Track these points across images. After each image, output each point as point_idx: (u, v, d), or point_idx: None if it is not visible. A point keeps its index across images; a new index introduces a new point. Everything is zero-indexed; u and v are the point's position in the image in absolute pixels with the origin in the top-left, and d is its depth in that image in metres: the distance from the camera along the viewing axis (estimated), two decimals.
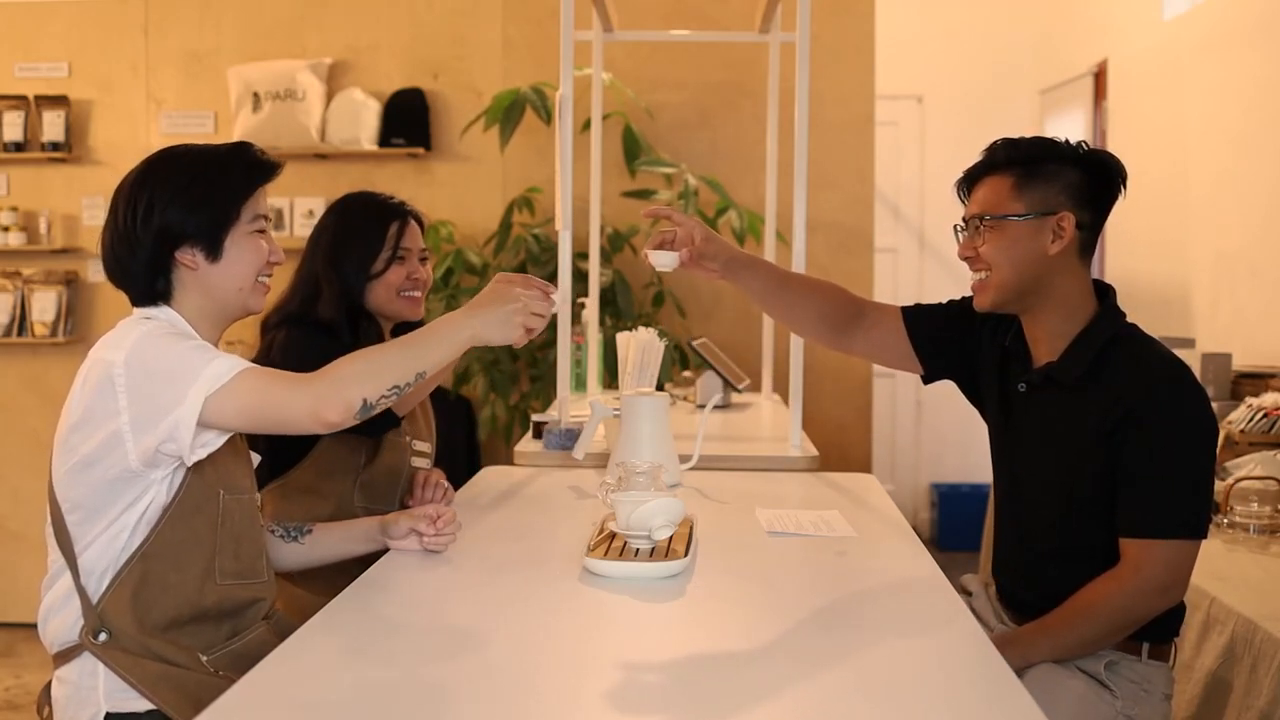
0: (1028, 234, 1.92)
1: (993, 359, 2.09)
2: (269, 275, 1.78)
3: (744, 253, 2.26)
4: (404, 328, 2.36)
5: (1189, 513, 1.84)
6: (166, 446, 1.58)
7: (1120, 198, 1.97)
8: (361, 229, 2.28)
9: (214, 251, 1.70)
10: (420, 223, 2.36)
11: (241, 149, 1.77)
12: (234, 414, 1.58)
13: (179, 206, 1.68)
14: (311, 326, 2.21)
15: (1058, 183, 1.92)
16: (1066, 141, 1.96)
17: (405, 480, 2.30)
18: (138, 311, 1.73)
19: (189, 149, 1.76)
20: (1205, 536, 1.87)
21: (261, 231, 1.75)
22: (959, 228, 2.01)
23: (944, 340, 2.17)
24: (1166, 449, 1.84)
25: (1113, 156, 1.96)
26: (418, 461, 2.33)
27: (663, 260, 2.13)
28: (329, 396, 1.58)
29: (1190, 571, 1.87)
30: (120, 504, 1.62)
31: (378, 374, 1.61)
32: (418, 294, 2.32)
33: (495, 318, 1.69)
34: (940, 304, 2.21)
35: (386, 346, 1.68)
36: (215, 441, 1.62)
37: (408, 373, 1.63)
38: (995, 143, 1.99)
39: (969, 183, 2.01)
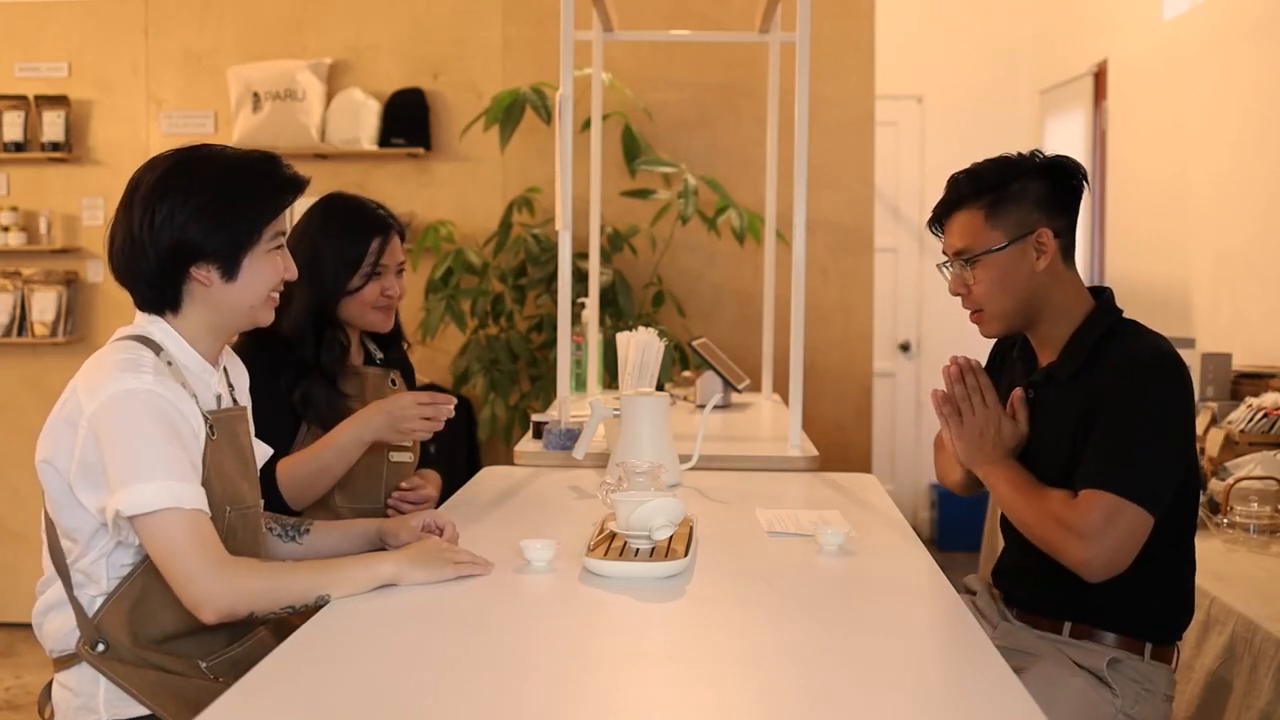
0: (1013, 260, 1.93)
1: (1003, 371, 2.12)
2: (280, 290, 1.75)
3: None
4: (376, 337, 2.38)
5: (1141, 479, 1.78)
6: (100, 516, 1.57)
7: (1086, 193, 1.98)
8: (342, 241, 2.24)
9: (230, 271, 1.66)
10: (402, 234, 2.33)
11: (270, 164, 1.70)
12: (143, 541, 1.56)
13: (198, 224, 1.62)
14: (267, 337, 2.10)
15: (1026, 200, 1.93)
16: (1021, 154, 1.97)
17: (387, 477, 2.29)
18: (139, 320, 1.70)
19: (215, 157, 1.68)
20: (1156, 514, 1.79)
21: (279, 248, 1.72)
22: (942, 265, 2.03)
23: None
24: (1127, 418, 1.82)
25: (1069, 158, 1.98)
26: (397, 456, 2.30)
27: None
28: (219, 599, 1.53)
29: (1135, 544, 1.78)
30: (94, 523, 1.61)
31: (278, 595, 1.56)
32: (390, 307, 2.31)
33: (423, 559, 1.63)
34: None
35: (298, 568, 1.60)
36: None
37: (309, 596, 1.57)
38: (956, 177, 2.00)
39: (939, 221, 2.03)
